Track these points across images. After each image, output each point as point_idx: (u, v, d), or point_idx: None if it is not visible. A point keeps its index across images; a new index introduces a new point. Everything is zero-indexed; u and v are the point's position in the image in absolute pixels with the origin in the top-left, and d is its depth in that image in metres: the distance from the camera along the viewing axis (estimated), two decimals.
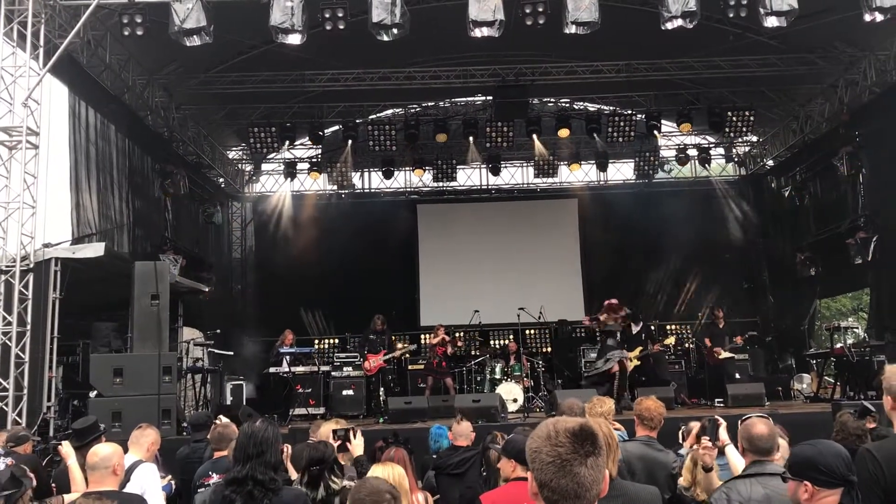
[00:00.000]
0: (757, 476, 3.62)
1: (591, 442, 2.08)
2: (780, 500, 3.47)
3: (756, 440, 3.72)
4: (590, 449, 2.06)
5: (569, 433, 2.07)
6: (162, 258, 13.89)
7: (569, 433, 2.07)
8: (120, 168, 13.64)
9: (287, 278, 18.85)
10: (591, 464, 2.05)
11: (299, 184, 20.32)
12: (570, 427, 2.09)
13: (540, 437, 2.10)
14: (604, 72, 15.17)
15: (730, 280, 19.42)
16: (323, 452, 4.79)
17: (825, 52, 14.55)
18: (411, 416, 11.60)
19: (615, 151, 19.41)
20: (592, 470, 2.05)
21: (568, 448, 2.04)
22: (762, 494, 3.50)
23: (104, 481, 4.26)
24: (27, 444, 6.60)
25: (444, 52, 15.26)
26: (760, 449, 3.71)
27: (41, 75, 10.42)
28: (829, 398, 13.06)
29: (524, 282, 18.44)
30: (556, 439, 2.06)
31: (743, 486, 3.58)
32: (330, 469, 4.68)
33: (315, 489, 4.50)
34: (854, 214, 15.44)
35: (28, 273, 10.02)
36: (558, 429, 2.08)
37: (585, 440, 2.07)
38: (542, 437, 2.09)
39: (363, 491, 3.34)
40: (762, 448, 3.71)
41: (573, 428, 2.08)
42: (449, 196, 20.78)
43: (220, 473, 5.10)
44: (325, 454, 4.78)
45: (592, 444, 2.08)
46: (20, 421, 9.42)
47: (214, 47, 11.71)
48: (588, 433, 2.09)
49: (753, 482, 3.58)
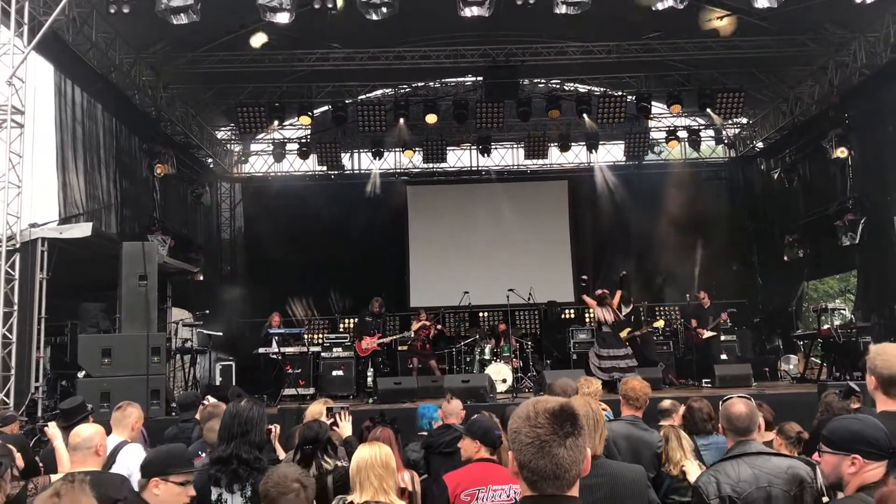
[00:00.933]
0: (742, 456, 3.64)
1: (571, 423, 2.07)
2: (768, 478, 3.51)
3: (734, 420, 3.74)
4: (569, 430, 2.06)
5: (548, 414, 2.06)
6: (150, 239, 13.82)
7: (548, 414, 2.06)
8: (107, 148, 13.52)
9: (276, 259, 18.80)
10: (571, 444, 2.05)
11: (288, 164, 20.24)
12: (550, 407, 2.08)
13: (520, 418, 2.09)
14: (594, 52, 15.10)
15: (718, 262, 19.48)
16: (317, 432, 4.79)
17: (816, 33, 14.52)
18: (400, 397, 11.66)
19: (605, 133, 19.39)
20: (572, 451, 2.05)
21: (547, 429, 2.04)
22: (750, 474, 3.52)
23: (87, 461, 4.26)
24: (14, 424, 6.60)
25: (434, 31, 15.16)
26: (739, 429, 3.73)
27: (26, 53, 10.31)
28: (815, 379, 13.18)
29: (514, 263, 18.45)
30: (535, 420, 2.06)
31: (730, 467, 3.59)
32: (323, 448, 4.70)
33: (308, 468, 4.52)
34: (842, 196, 15.48)
35: (14, 253, 9.98)
36: (538, 409, 2.08)
37: (565, 421, 2.06)
38: (522, 417, 2.09)
39: (270, 481, 3.36)
40: (740, 428, 3.73)
41: (553, 408, 2.08)
42: (439, 177, 20.74)
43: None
44: (319, 433, 4.79)
45: (573, 424, 2.08)
46: (8, 401, 9.41)
47: (202, 26, 11.61)
48: (568, 413, 2.08)
49: (740, 462, 3.60)
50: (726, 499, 3.47)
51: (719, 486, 3.51)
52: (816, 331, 13.90)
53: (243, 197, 20.76)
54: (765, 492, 3.48)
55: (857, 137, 14.98)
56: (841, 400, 5.90)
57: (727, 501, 3.47)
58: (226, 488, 3.88)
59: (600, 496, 3.28)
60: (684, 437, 5.05)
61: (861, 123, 14.83)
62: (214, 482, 3.90)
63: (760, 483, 3.49)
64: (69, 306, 11.36)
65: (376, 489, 3.74)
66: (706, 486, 3.54)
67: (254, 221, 20.34)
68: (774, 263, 18.70)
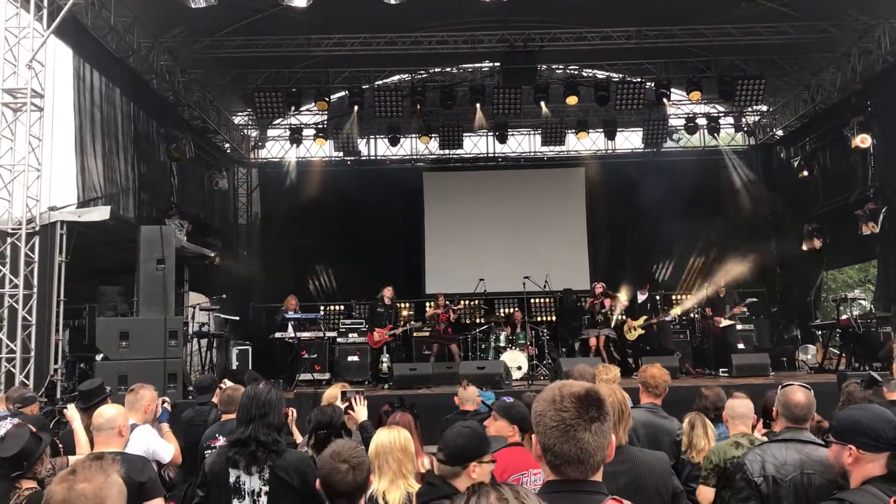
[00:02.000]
0: (792, 441, 3.67)
1: (597, 407, 2.05)
2: (813, 465, 3.55)
3: (793, 407, 3.76)
4: (595, 414, 2.04)
5: (574, 398, 2.04)
6: (168, 223, 13.88)
7: (574, 398, 2.04)
8: (125, 132, 13.56)
9: (292, 244, 18.86)
10: (596, 429, 2.03)
11: (305, 150, 20.22)
12: (576, 392, 2.06)
13: (545, 401, 2.07)
14: (613, 38, 14.95)
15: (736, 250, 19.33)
16: (331, 416, 4.81)
17: (838, 20, 14.31)
18: (416, 383, 11.68)
19: (623, 120, 19.24)
20: (597, 436, 2.03)
21: (572, 413, 2.02)
22: (796, 459, 3.58)
23: (110, 442, 4.28)
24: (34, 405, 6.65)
25: (452, 16, 15.06)
26: (796, 416, 3.76)
27: (45, 37, 10.34)
28: (833, 369, 13.07)
29: (529, 250, 18.38)
30: (560, 404, 2.04)
31: (778, 450, 3.65)
32: (337, 433, 4.70)
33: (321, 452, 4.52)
34: (863, 185, 15.30)
35: (34, 236, 10.04)
36: (564, 393, 2.06)
37: (591, 405, 2.04)
38: (548, 400, 2.07)
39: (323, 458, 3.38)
40: (798, 416, 3.76)
41: (579, 392, 2.06)
42: (455, 164, 20.67)
43: (227, 436, 5.13)
44: (333, 418, 4.80)
45: (598, 409, 2.05)
46: (27, 383, 9.50)
47: (220, 10, 11.59)
48: (594, 398, 2.06)
49: (788, 447, 3.64)
50: (769, 478, 3.54)
51: (764, 465, 3.59)
52: (835, 321, 13.78)
53: (260, 182, 20.80)
54: (808, 478, 3.53)
55: (880, 125, 14.78)
56: (863, 389, 5.85)
57: (770, 481, 3.54)
58: (244, 470, 3.88)
59: (623, 483, 3.27)
60: (709, 426, 5.02)
61: (884, 111, 14.62)
62: (233, 464, 3.90)
63: (805, 469, 3.55)
64: (87, 289, 11.43)
65: (395, 473, 3.73)
66: (751, 463, 3.63)
67: (270, 206, 20.39)
68: (793, 252, 18.52)
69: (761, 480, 3.54)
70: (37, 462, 4.03)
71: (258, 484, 3.88)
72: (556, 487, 2.06)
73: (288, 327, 13.83)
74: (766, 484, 3.53)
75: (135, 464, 4.09)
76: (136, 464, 4.11)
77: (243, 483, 3.89)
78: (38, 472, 4.04)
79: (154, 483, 4.18)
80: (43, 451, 4.08)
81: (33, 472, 4.00)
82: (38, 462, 4.05)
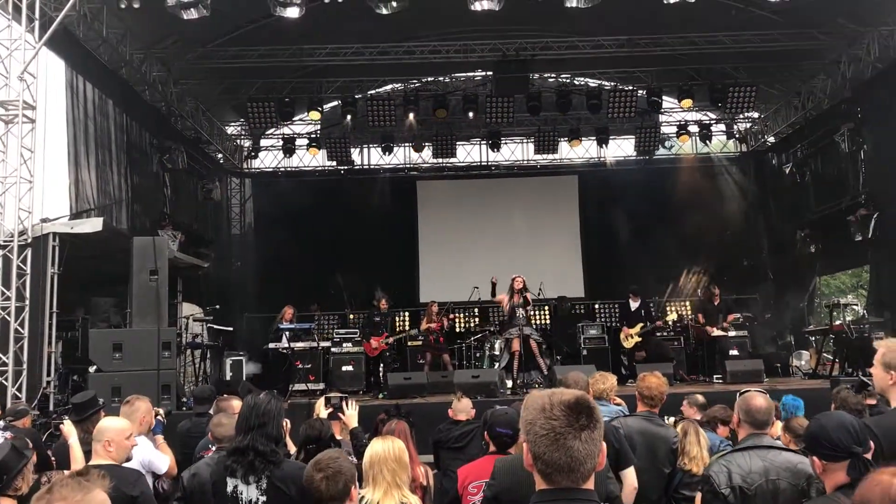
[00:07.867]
0: (755, 448, 3.66)
1: (587, 415, 2.06)
2: (777, 471, 3.54)
3: (754, 413, 3.76)
4: (585, 422, 2.04)
5: (564, 406, 2.05)
6: (161, 234, 13.83)
7: (564, 406, 2.05)
8: (118, 143, 13.55)
9: (286, 254, 18.81)
10: (586, 437, 2.03)
11: (298, 160, 20.23)
12: (566, 400, 2.06)
13: (535, 409, 2.08)
14: (605, 46, 15.02)
15: (729, 257, 19.39)
16: (319, 430, 4.79)
17: (828, 28, 14.39)
18: (411, 392, 11.65)
19: (616, 127, 19.30)
20: (587, 444, 2.03)
21: (562, 421, 2.02)
22: (760, 466, 3.56)
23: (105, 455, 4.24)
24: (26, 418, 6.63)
25: (445, 26, 15.11)
26: (758, 422, 3.76)
27: (37, 48, 10.33)
28: (827, 375, 13.08)
29: (524, 258, 18.30)
30: (550, 412, 2.04)
31: (742, 458, 3.63)
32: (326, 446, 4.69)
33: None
34: (855, 191, 15.37)
35: (26, 248, 10.01)
36: (553, 401, 2.06)
37: (581, 413, 2.04)
38: (538, 408, 2.07)
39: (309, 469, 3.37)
40: (759, 421, 3.76)
41: (569, 401, 2.06)
42: (449, 172, 20.70)
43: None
44: (322, 431, 4.78)
45: (588, 417, 2.06)
46: (20, 395, 9.45)
47: (212, 21, 11.60)
48: (584, 406, 2.06)
49: (752, 454, 3.63)
50: (737, 489, 3.51)
51: (730, 476, 3.55)
52: (828, 326, 13.79)
53: (253, 192, 20.79)
54: (773, 484, 3.52)
55: (870, 132, 14.86)
56: (854, 395, 5.86)
57: (737, 491, 3.51)
58: (241, 479, 3.87)
59: None
60: (702, 433, 5.03)
61: (874, 118, 14.70)
62: (230, 473, 3.89)
63: (770, 476, 3.54)
64: (80, 301, 11.42)
65: (389, 483, 3.73)
66: (717, 475, 3.59)
67: (263, 216, 20.37)
68: (786, 259, 18.59)
69: (728, 492, 3.50)
70: (16, 477, 3.89)
71: (255, 494, 3.86)
72: (547, 497, 2.07)
73: (282, 338, 13.79)
74: (733, 495, 3.50)
75: (127, 477, 4.06)
76: (128, 477, 4.08)
77: (241, 492, 3.87)
78: (18, 488, 3.95)
79: (146, 497, 4.15)
80: (24, 466, 3.94)
81: (13, 487, 3.88)
82: (19, 477, 3.91)
